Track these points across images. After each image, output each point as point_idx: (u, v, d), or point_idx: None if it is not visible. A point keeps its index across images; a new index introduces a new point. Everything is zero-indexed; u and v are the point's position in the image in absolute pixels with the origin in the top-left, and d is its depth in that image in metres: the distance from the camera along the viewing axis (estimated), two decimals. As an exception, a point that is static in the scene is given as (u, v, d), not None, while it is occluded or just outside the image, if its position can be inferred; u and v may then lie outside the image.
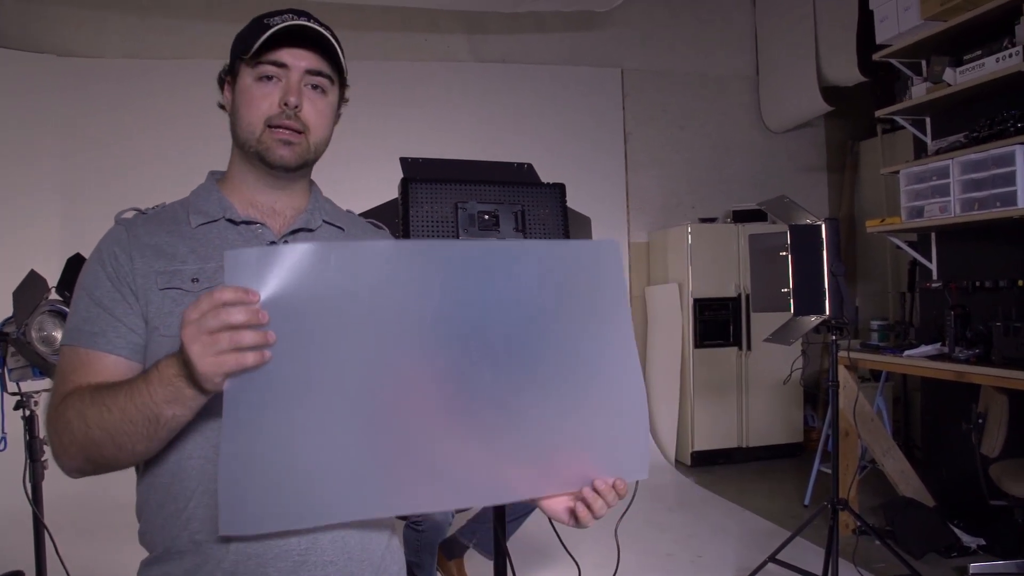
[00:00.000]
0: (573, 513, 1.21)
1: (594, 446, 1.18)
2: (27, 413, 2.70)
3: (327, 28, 1.28)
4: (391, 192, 2.33)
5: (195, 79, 5.54)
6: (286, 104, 1.25)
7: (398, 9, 5.84)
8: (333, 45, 1.28)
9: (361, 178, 4.58)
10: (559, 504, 1.23)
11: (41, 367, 2.64)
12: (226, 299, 0.95)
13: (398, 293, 1.03)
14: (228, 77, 1.34)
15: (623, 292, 1.18)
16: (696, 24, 6.72)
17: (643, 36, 6.60)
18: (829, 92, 6.06)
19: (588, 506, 1.19)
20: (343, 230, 1.42)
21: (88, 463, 1.15)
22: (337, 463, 1.05)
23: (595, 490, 1.19)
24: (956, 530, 3.93)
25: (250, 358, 0.96)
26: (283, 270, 0.96)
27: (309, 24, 1.25)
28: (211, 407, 1.06)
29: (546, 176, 2.44)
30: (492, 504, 1.40)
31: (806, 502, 4.86)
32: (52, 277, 2.71)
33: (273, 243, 1.30)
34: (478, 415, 1.10)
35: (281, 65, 1.26)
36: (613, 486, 1.20)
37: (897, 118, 4.52)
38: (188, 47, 5.59)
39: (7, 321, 2.68)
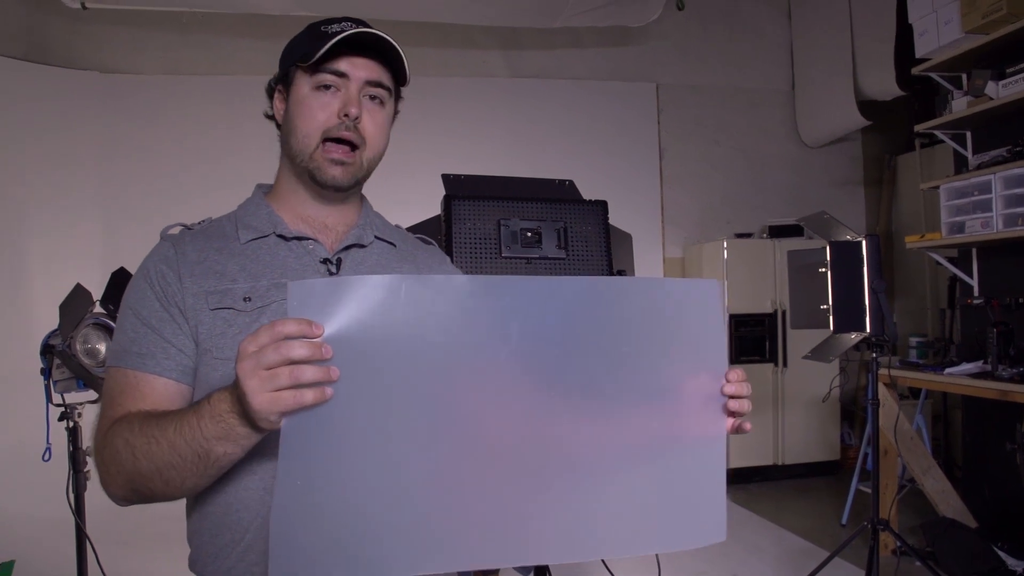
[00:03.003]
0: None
1: (669, 503, 1.11)
2: (71, 424, 2.73)
3: (389, 37, 1.24)
4: (427, 207, 2.34)
5: (231, 94, 5.71)
6: (346, 115, 1.21)
7: (435, 25, 5.88)
8: (396, 52, 1.23)
9: (396, 193, 4.60)
10: None
11: (85, 379, 2.68)
12: (288, 332, 0.88)
13: (472, 330, 0.96)
14: (279, 86, 1.29)
15: (721, 335, 1.10)
16: (731, 38, 6.70)
17: (678, 51, 6.59)
18: (866, 106, 6.00)
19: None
20: (395, 246, 1.39)
21: (135, 494, 1.11)
22: (399, 513, 0.97)
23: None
24: (1000, 553, 3.84)
25: (309, 396, 0.89)
26: (351, 303, 0.89)
27: (372, 31, 1.21)
28: (269, 441, 1.00)
29: (581, 190, 2.44)
30: (566, 562, 1.28)
31: (843, 521, 4.78)
32: (92, 285, 2.74)
33: (326, 259, 1.28)
34: (554, 465, 1.02)
35: (341, 75, 1.22)
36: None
37: (937, 132, 4.46)
38: (224, 63, 5.69)
39: (52, 334, 2.72)
